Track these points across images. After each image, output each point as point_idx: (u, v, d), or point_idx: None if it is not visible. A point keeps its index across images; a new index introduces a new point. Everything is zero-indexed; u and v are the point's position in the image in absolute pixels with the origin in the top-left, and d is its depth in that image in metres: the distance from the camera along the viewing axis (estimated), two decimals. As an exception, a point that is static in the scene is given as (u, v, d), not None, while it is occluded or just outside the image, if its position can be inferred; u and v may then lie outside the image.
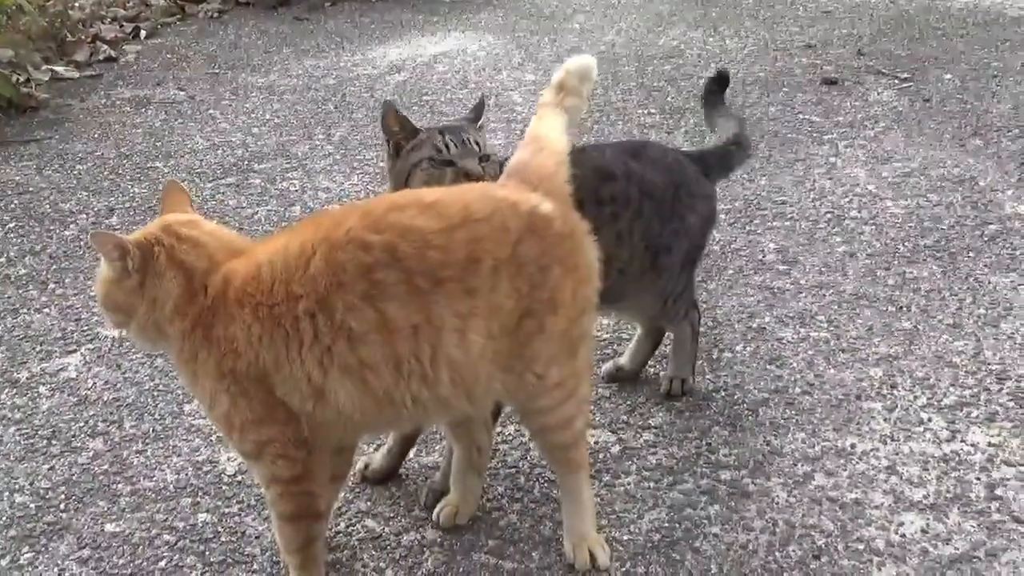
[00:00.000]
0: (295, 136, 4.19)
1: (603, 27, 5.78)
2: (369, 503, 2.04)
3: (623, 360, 2.43)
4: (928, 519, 1.90)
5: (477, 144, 1.97)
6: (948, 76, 4.51)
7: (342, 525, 1.97)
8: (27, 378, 2.54)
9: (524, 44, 5.48)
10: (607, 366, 2.44)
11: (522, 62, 5.13)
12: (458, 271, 1.58)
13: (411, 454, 2.15)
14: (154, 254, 1.61)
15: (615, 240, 2.05)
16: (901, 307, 2.66)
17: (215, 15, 6.45)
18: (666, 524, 1.93)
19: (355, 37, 5.83)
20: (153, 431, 2.30)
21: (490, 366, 1.64)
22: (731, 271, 2.89)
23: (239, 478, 2.12)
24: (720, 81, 2.62)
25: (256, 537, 1.95)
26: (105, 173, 3.85)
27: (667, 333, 2.39)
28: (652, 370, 2.43)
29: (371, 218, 1.58)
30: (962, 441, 2.12)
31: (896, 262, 2.89)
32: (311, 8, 6.57)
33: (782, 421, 2.23)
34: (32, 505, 2.07)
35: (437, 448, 2.17)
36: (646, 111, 4.28)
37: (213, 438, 2.26)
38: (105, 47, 5.53)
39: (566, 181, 1.77)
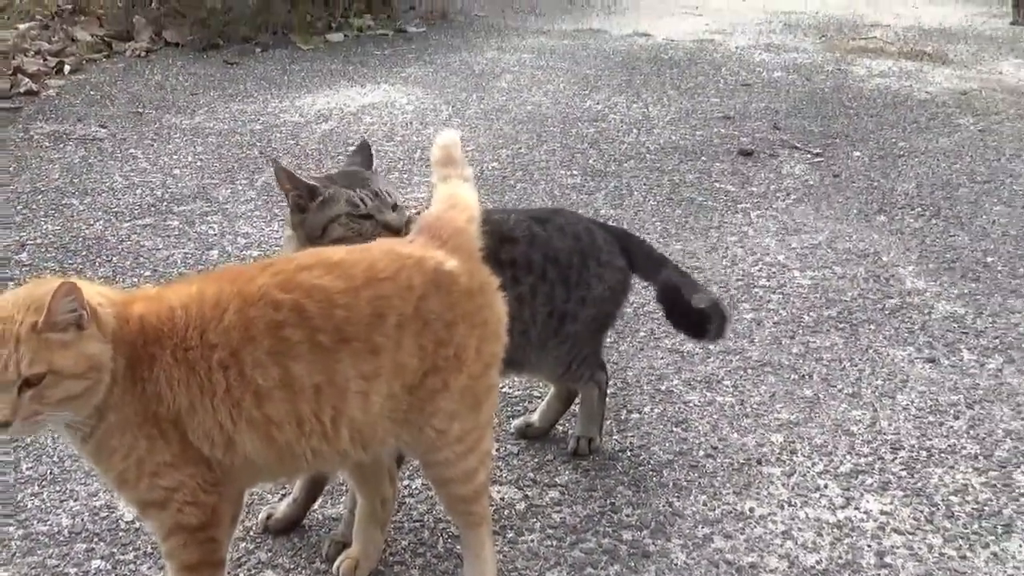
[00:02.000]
0: (217, 180, 4.17)
1: (530, 87, 5.89)
2: (270, 553, 2.01)
3: (534, 417, 2.46)
4: (820, 584, 1.96)
5: (388, 194, 1.99)
6: (857, 153, 4.71)
7: (241, 575, 1.94)
8: (-80, 416, 2.45)
9: (452, 100, 5.56)
10: (517, 422, 2.46)
11: (449, 117, 5.20)
12: (363, 328, 1.60)
13: (315, 505, 2.13)
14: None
15: (516, 303, 2.06)
16: (804, 375, 2.74)
17: (143, 54, 6.40)
18: (567, 583, 1.95)
19: (284, 84, 5.84)
20: (50, 473, 2.24)
21: (389, 422, 1.67)
22: (643, 333, 2.95)
23: (136, 525, 2.07)
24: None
25: (151, 587, 1.91)
26: (18, 207, 3.78)
27: (575, 396, 2.43)
28: (561, 428, 2.46)
29: (281, 276, 1.60)
30: (856, 508, 2.19)
31: (801, 331, 2.98)
32: (242, 53, 6.58)
33: (685, 483, 2.27)
34: (-84, 549, 2.00)
35: (341, 500, 2.15)
36: (568, 172, 4.37)
37: (112, 484, 2.21)
38: (27, 80, 5.44)
39: (476, 237, 1.81)
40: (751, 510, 2.18)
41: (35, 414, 1.45)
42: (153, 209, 3.82)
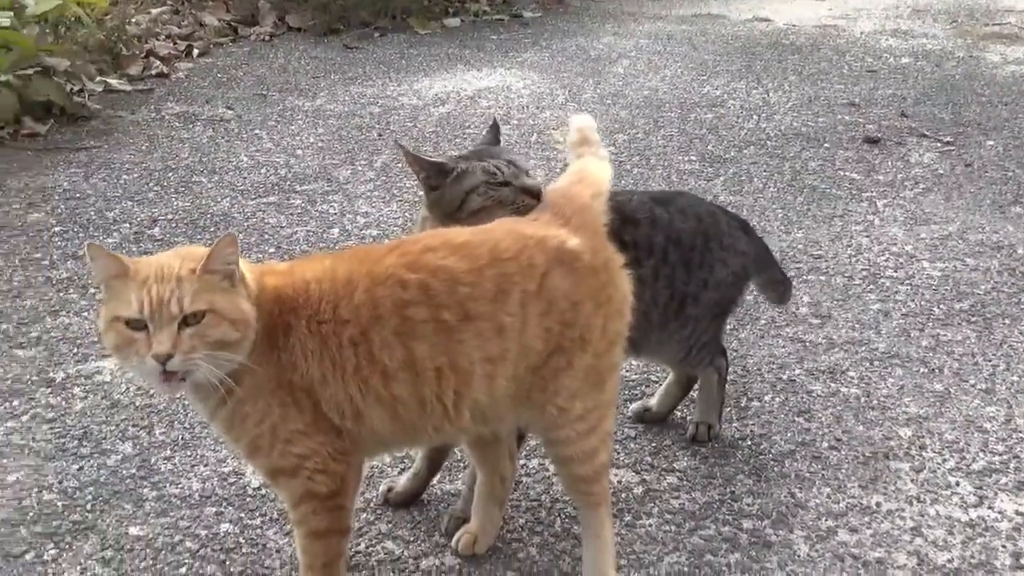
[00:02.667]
0: (337, 160, 4.25)
1: (647, 72, 5.83)
2: (390, 525, 2.04)
3: (652, 402, 2.43)
4: (951, 583, 1.89)
5: (516, 164, 1.99)
6: (991, 142, 4.51)
7: (362, 546, 1.98)
8: (62, 379, 2.57)
9: (568, 85, 5.54)
10: (635, 406, 2.44)
11: (565, 102, 5.19)
12: (487, 306, 1.61)
13: (435, 479, 2.16)
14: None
15: (637, 285, 2.04)
16: (933, 369, 2.64)
17: (266, 38, 6.57)
18: (685, 569, 1.93)
19: (402, 68, 5.92)
20: (182, 439, 2.33)
21: (512, 401, 1.67)
22: (763, 321, 2.89)
23: (263, 492, 2.13)
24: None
25: (276, 551, 1.96)
26: (150, 184, 3.92)
27: (695, 382, 2.39)
28: (680, 414, 2.43)
29: (408, 257, 1.63)
30: (989, 507, 2.10)
31: (930, 324, 2.88)
32: (361, 37, 6.68)
33: (807, 474, 2.22)
34: (59, 503, 2.10)
35: (460, 476, 2.17)
36: (686, 157, 4.31)
37: (240, 451, 2.28)
38: (158, 63, 5.65)
39: (601, 213, 1.79)
40: (878, 504, 2.11)
41: (192, 350, 1.50)
42: (277, 188, 3.91)
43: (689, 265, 2.16)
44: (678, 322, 2.18)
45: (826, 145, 4.49)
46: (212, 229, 3.50)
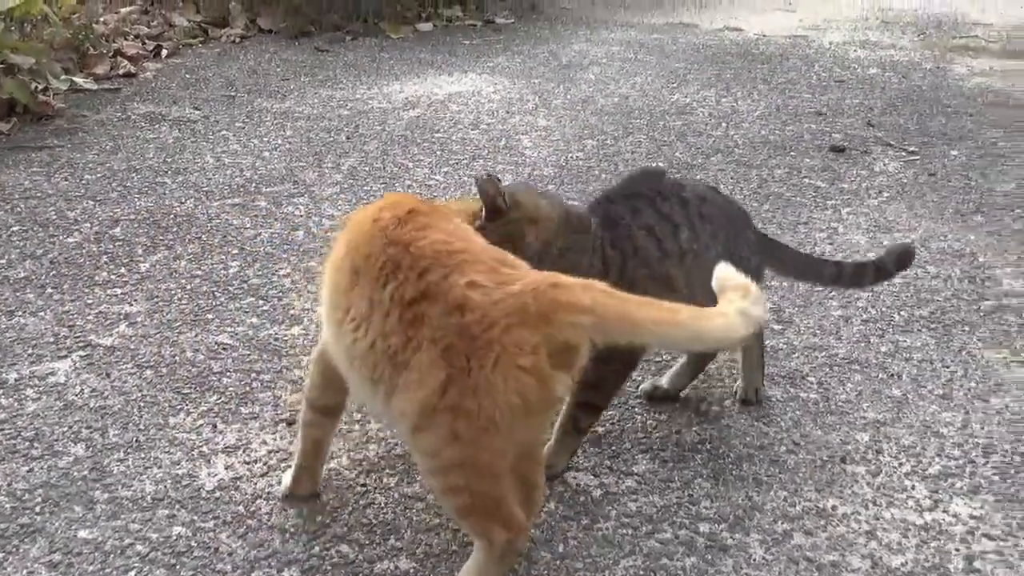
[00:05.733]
0: (305, 163, 4.22)
1: (618, 79, 5.84)
2: (345, 528, 2.03)
3: (663, 380, 2.51)
4: (904, 586, 1.89)
5: None
6: (955, 152, 4.56)
7: (316, 548, 1.96)
8: (15, 380, 2.54)
9: (539, 90, 5.54)
10: (645, 385, 2.51)
11: (535, 107, 5.19)
12: None
13: (393, 483, 2.15)
14: None
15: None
16: (892, 374, 2.66)
17: (237, 40, 6.53)
18: (641, 573, 1.92)
19: (373, 71, 5.90)
20: (136, 441, 2.30)
21: None
22: (726, 326, 2.89)
23: (217, 494, 2.11)
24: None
25: (229, 554, 1.94)
26: (113, 184, 3.88)
27: (708, 361, 2.53)
28: (638, 414, 2.43)
29: None
30: (944, 511, 2.11)
31: (890, 330, 2.89)
32: (332, 40, 6.66)
33: (765, 478, 2.22)
34: (8, 506, 2.06)
35: (419, 478, 2.16)
36: (654, 163, 4.31)
37: (195, 452, 2.25)
38: (126, 63, 5.60)
39: None
40: (834, 508, 2.12)
41: None
42: (242, 189, 3.88)
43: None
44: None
45: (792, 153, 4.51)
46: (175, 230, 3.47)
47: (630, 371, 2.29)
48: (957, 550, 1.99)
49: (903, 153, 4.53)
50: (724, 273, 1.69)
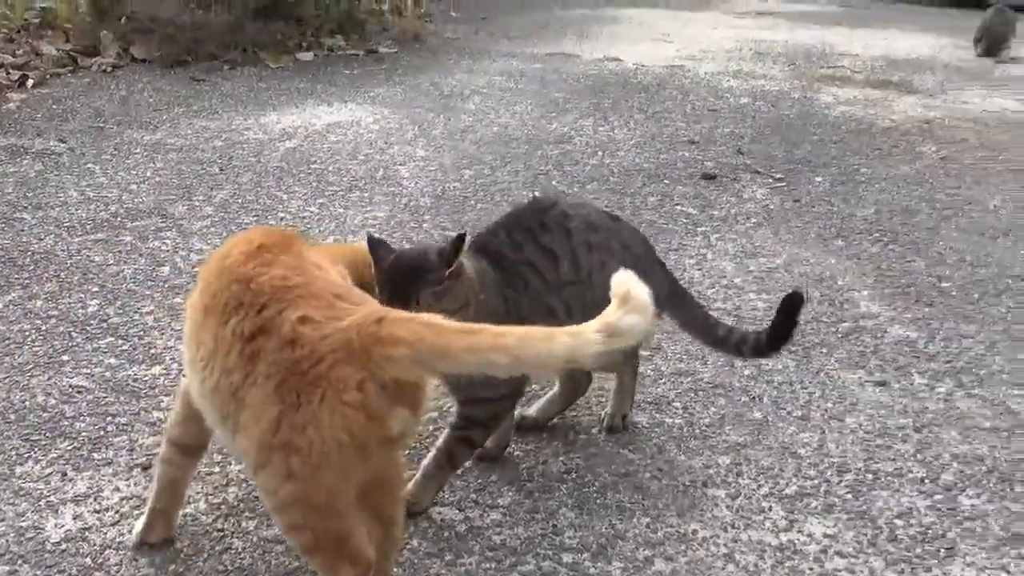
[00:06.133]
0: (174, 195, 4.12)
1: (498, 109, 5.89)
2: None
3: (531, 410, 2.51)
4: (759, 608, 1.93)
5: None
6: (819, 179, 4.73)
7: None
8: None
9: (419, 120, 5.55)
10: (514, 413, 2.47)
11: (414, 138, 5.19)
12: None
13: (252, 526, 2.09)
14: None
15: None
16: (754, 397, 2.73)
17: (108, 69, 6.36)
18: (503, 606, 1.91)
19: (250, 101, 5.81)
20: (-22, 492, 2.19)
21: None
22: (595, 354, 2.92)
23: (63, 546, 2.02)
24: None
25: (73, 608, 1.86)
26: (-32, 221, 3.72)
27: (581, 392, 2.56)
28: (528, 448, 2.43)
29: None
30: (799, 531, 2.17)
31: (754, 353, 2.97)
32: (209, 70, 6.54)
33: (629, 505, 2.24)
34: None
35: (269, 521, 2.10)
36: (531, 192, 4.35)
37: (42, 502, 2.16)
38: (-13, 93, 5.40)
39: None
40: (694, 532, 2.15)
41: None
42: (106, 224, 3.77)
43: None
44: None
45: (666, 181, 4.61)
46: (31, 268, 3.33)
47: (511, 404, 2.29)
48: (811, 569, 2.05)
49: (771, 180, 4.68)
50: (616, 280, 1.59)
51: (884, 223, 4.14)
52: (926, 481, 2.36)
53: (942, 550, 2.11)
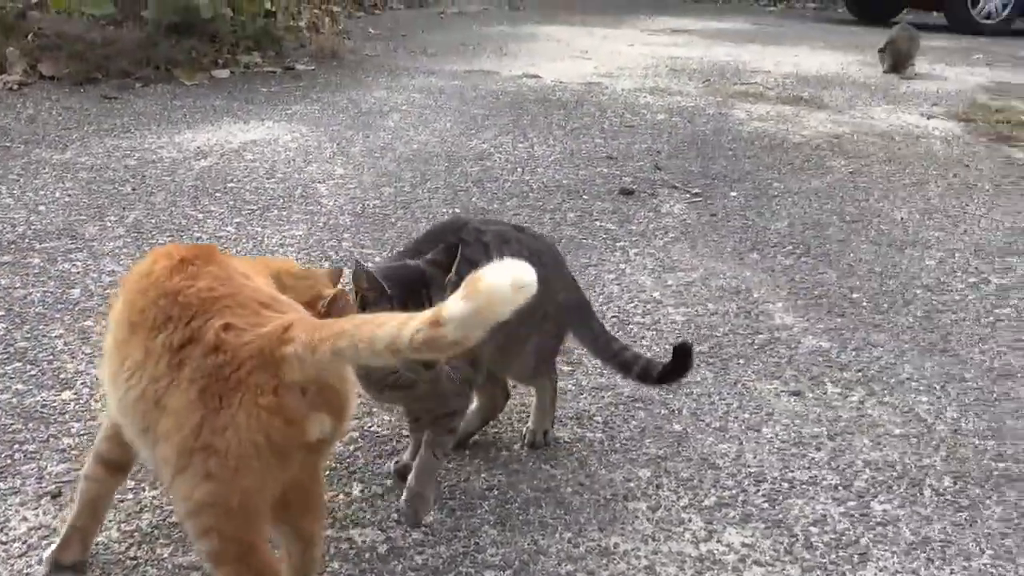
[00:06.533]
0: (85, 216, 4.02)
1: (417, 126, 5.89)
2: None
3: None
4: (680, 619, 1.95)
5: None
6: (734, 193, 4.83)
7: None
8: None
9: (337, 138, 5.51)
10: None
11: (333, 155, 5.15)
12: None
13: (167, 553, 2.04)
14: None
15: None
16: (673, 410, 2.76)
17: (15, 87, 6.18)
18: (426, 627, 1.90)
19: (164, 119, 5.71)
20: None
21: None
22: (516, 370, 2.93)
23: (-33, 580, 1.95)
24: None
25: (-23, 646, 1.79)
26: None
27: (499, 409, 2.60)
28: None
29: None
30: (718, 541, 2.20)
31: (672, 366, 3.01)
32: (121, 87, 6.41)
33: (551, 520, 2.25)
34: None
35: (194, 547, 2.06)
36: (451, 209, 4.36)
37: (-56, 536, 2.07)
38: None
39: None
40: (615, 546, 2.16)
41: None
42: (13, 246, 3.65)
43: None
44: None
45: (585, 197, 4.66)
46: (-67, 292, 3.22)
47: (469, 391, 2.34)
48: (730, 578, 2.08)
49: (688, 195, 4.76)
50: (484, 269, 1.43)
51: (797, 236, 4.24)
52: (839, 488, 2.41)
53: (855, 556, 2.16)
